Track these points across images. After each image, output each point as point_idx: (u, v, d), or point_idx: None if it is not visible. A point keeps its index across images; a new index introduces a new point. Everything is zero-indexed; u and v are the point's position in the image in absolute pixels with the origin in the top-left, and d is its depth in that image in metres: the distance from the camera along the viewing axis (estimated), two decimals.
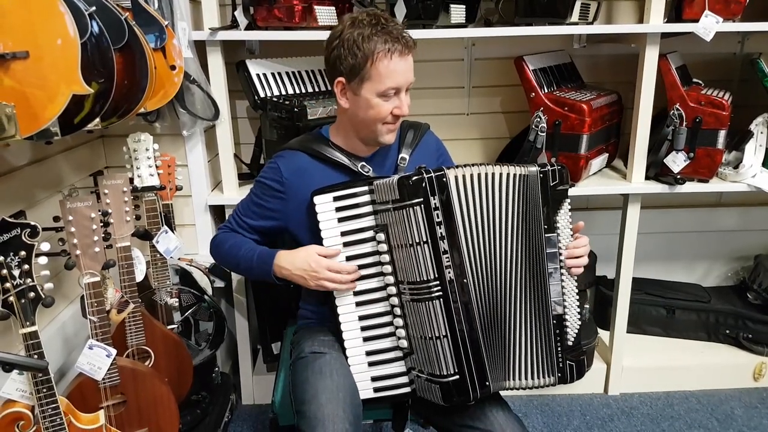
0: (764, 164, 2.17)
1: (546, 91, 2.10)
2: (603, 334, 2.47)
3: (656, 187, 2.15)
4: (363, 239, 1.37)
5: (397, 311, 1.35)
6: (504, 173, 1.33)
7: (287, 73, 2.17)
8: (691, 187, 2.14)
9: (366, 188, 1.36)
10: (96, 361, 1.43)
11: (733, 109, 2.06)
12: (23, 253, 1.20)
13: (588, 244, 1.40)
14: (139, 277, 1.73)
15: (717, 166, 2.12)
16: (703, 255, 2.74)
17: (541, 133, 2.06)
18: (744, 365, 2.40)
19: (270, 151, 2.05)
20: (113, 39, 1.38)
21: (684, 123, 2.07)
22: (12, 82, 1.15)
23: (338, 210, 1.38)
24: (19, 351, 1.25)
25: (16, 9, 1.15)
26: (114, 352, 1.44)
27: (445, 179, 1.28)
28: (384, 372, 1.38)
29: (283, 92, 2.12)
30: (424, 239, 1.27)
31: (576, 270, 1.37)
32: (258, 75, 2.09)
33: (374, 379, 1.39)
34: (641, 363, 2.40)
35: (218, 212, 2.23)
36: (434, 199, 1.27)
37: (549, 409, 2.31)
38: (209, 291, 2.04)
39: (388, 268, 1.34)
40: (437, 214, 1.27)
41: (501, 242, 1.34)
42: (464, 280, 1.29)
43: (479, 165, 1.33)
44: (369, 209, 1.36)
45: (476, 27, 2.22)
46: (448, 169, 1.30)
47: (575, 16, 2.03)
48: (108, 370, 1.44)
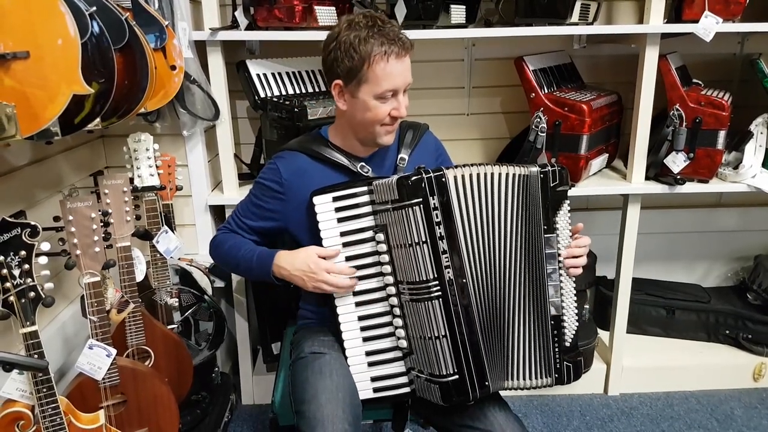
0: (764, 165, 2.17)
1: (546, 92, 2.10)
2: (603, 335, 2.47)
3: (656, 188, 2.15)
4: (362, 239, 1.37)
5: (397, 311, 1.35)
6: (504, 173, 1.33)
7: (287, 74, 2.17)
8: (691, 188, 2.14)
9: (365, 188, 1.36)
10: (96, 361, 1.43)
11: (733, 110, 2.06)
12: (23, 253, 1.21)
13: (588, 245, 1.40)
14: (139, 277, 1.73)
15: (717, 167, 2.12)
16: (703, 255, 2.74)
17: (541, 134, 2.06)
18: (744, 365, 2.40)
19: (270, 151, 2.05)
20: (114, 39, 1.38)
21: (684, 123, 2.07)
22: (12, 82, 1.15)
23: (338, 210, 1.38)
24: (20, 351, 1.25)
25: (17, 9, 1.15)
26: (114, 352, 1.45)
27: (445, 179, 1.28)
28: (383, 372, 1.38)
29: (284, 92, 2.12)
30: (423, 239, 1.27)
31: (574, 271, 1.37)
32: (258, 75, 2.10)
33: (374, 380, 1.39)
34: (641, 363, 2.40)
35: (218, 212, 2.23)
36: (433, 200, 1.27)
37: (549, 410, 2.31)
38: (209, 291, 2.04)
39: (388, 269, 1.34)
40: (436, 214, 1.27)
41: (500, 242, 1.33)
42: (463, 281, 1.29)
43: (478, 165, 1.33)
44: (368, 209, 1.36)
45: (476, 27, 2.22)
46: (448, 170, 1.30)
47: (575, 17, 2.03)
48: (108, 370, 1.44)
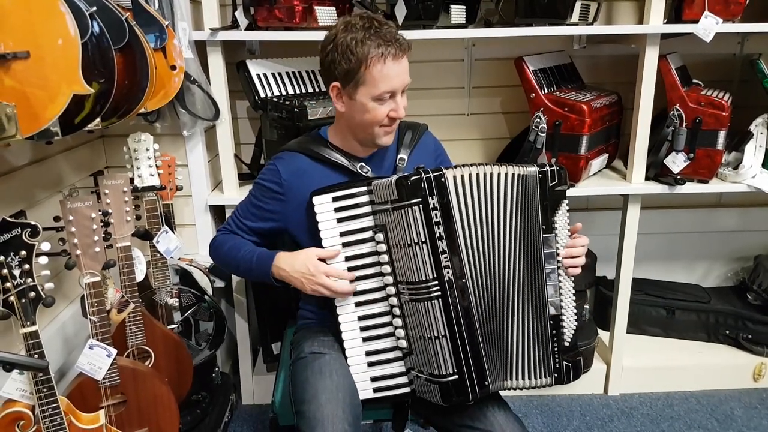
0: (764, 165, 2.17)
1: (546, 92, 2.10)
2: (603, 335, 2.47)
3: (656, 188, 2.15)
4: (362, 239, 1.37)
5: (397, 311, 1.35)
6: (503, 173, 1.33)
7: (287, 74, 2.17)
8: (691, 188, 2.14)
9: (365, 188, 1.36)
10: (96, 361, 1.43)
11: (733, 110, 2.06)
12: (24, 253, 1.21)
13: (587, 245, 1.40)
14: (140, 277, 1.73)
15: (717, 167, 2.12)
16: (703, 255, 2.74)
17: (542, 134, 2.07)
18: (744, 366, 2.40)
19: (270, 151, 2.05)
20: (114, 39, 1.39)
21: (684, 124, 2.07)
22: (13, 82, 1.15)
23: (337, 210, 1.38)
24: (20, 351, 1.25)
25: (17, 9, 1.15)
26: (114, 352, 1.45)
27: (444, 179, 1.28)
28: (383, 372, 1.38)
29: (284, 92, 2.12)
30: (423, 239, 1.27)
31: (573, 270, 1.37)
32: (258, 75, 2.10)
33: (374, 380, 1.39)
34: (641, 363, 2.40)
35: (218, 212, 2.23)
36: (433, 200, 1.27)
37: (549, 410, 2.31)
38: (209, 291, 2.04)
39: (387, 269, 1.34)
40: (436, 215, 1.27)
41: (499, 242, 1.33)
42: (463, 281, 1.29)
43: (478, 165, 1.33)
44: (368, 209, 1.36)
45: (476, 27, 2.23)
46: (447, 170, 1.30)
47: (575, 17, 2.03)
48: (108, 370, 1.44)
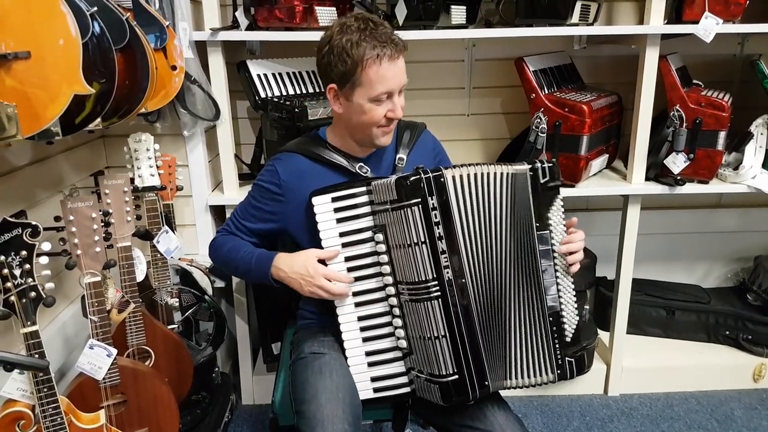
0: (764, 165, 2.17)
1: (546, 92, 2.10)
2: (603, 335, 2.47)
3: (656, 188, 2.15)
4: (362, 240, 1.37)
5: (396, 311, 1.35)
6: (498, 172, 1.33)
7: (288, 74, 2.17)
8: (691, 188, 2.14)
9: (364, 189, 1.36)
10: (96, 361, 1.43)
11: (733, 111, 2.06)
12: (24, 253, 1.21)
13: (583, 239, 1.39)
14: (140, 277, 1.74)
15: (717, 168, 2.12)
16: (703, 256, 2.74)
17: (542, 134, 2.07)
18: (744, 366, 2.40)
19: (270, 152, 2.05)
20: (114, 39, 1.39)
21: (684, 124, 2.07)
22: (13, 82, 1.15)
23: (337, 211, 1.38)
24: (20, 350, 1.26)
25: (18, 9, 1.15)
26: (114, 352, 1.45)
27: (443, 179, 1.28)
28: (383, 372, 1.39)
29: (284, 93, 2.13)
30: (422, 239, 1.27)
31: (573, 267, 1.37)
32: (259, 75, 2.10)
33: (374, 380, 1.39)
34: (641, 364, 2.40)
35: (219, 212, 2.23)
36: (432, 200, 1.27)
37: (549, 410, 2.31)
38: (209, 291, 2.04)
39: (387, 269, 1.34)
40: (435, 215, 1.27)
41: (497, 241, 1.34)
42: (462, 281, 1.29)
43: (476, 165, 1.33)
44: (367, 210, 1.36)
45: (477, 28, 2.23)
46: (446, 170, 1.30)
47: (575, 18, 2.03)
48: (108, 370, 1.45)
